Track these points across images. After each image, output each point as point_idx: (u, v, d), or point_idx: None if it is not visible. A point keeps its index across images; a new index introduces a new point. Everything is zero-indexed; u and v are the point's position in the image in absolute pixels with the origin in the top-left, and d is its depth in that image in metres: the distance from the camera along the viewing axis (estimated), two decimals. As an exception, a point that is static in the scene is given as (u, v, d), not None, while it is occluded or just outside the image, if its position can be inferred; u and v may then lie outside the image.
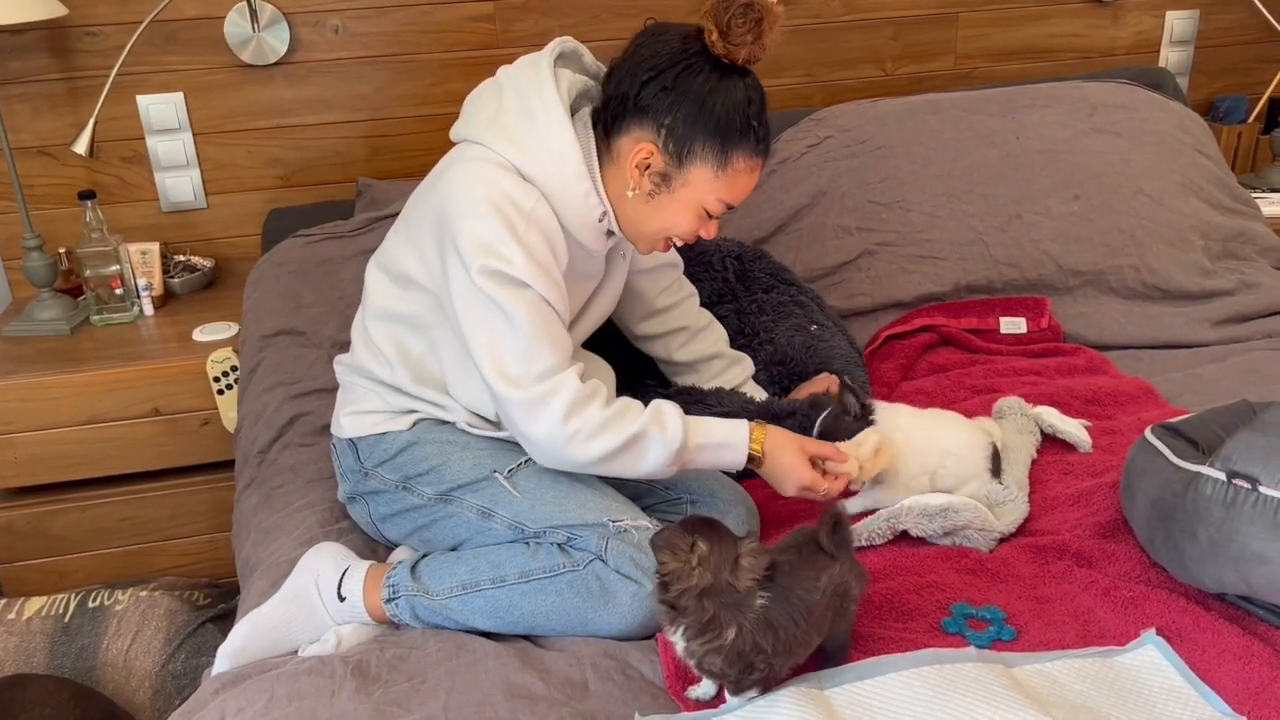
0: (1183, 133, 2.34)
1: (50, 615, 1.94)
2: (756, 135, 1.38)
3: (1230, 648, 1.21)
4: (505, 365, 1.35)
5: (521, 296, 1.35)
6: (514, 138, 1.39)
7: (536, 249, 1.36)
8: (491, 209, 1.35)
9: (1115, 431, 1.72)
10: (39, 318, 2.20)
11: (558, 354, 1.37)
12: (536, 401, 1.34)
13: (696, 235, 1.46)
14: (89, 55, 2.24)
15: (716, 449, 1.42)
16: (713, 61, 1.35)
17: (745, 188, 1.42)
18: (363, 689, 1.26)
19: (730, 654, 1.12)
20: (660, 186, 1.40)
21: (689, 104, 1.35)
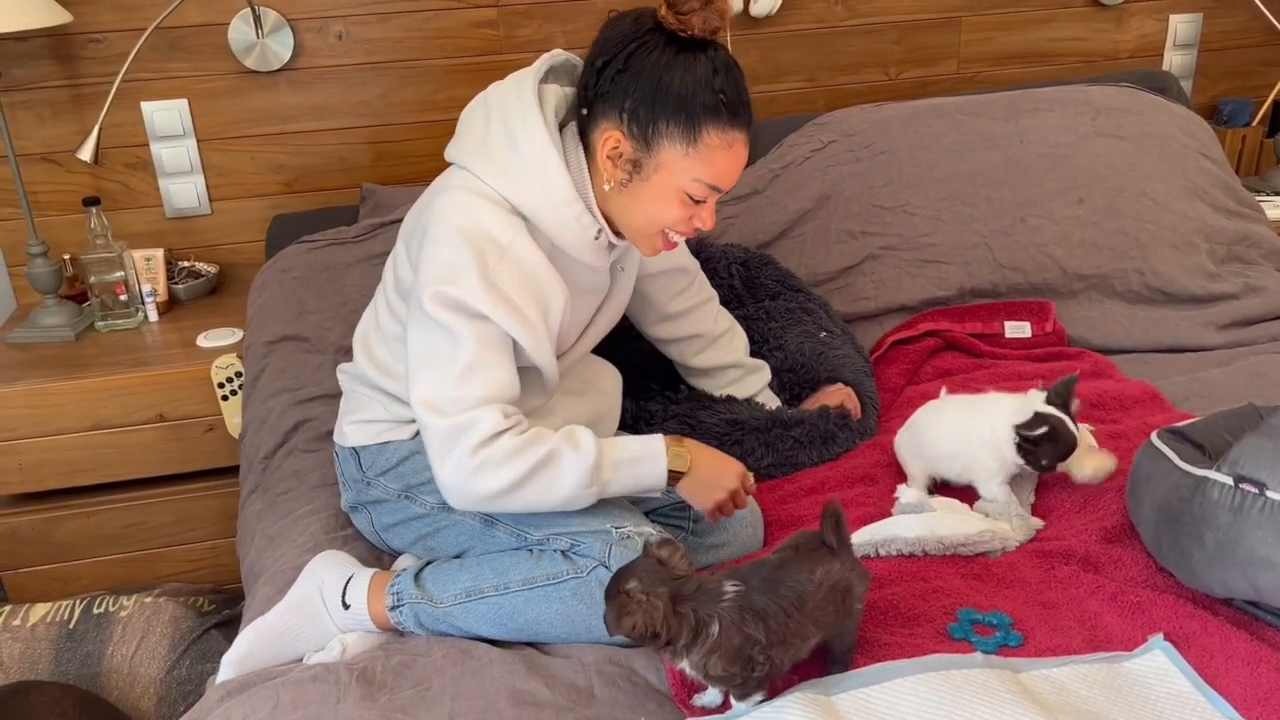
0: (1187, 136, 2.34)
1: (55, 621, 1.94)
2: (727, 107, 1.31)
3: (1238, 653, 1.21)
4: (437, 394, 1.33)
5: (472, 327, 1.33)
6: (500, 167, 1.37)
7: (505, 283, 1.34)
8: (462, 238, 1.34)
9: (1120, 436, 1.71)
10: (44, 324, 2.20)
11: (492, 388, 1.33)
12: (455, 431, 1.31)
13: (694, 228, 1.41)
14: (93, 62, 2.24)
15: (633, 464, 1.36)
16: (668, 37, 1.31)
17: (725, 164, 1.35)
18: (368, 696, 1.25)
19: (727, 650, 1.13)
20: (634, 174, 1.36)
21: (645, 83, 1.31)
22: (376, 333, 1.54)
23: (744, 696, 1.17)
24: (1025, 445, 1.47)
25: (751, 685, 1.16)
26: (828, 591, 1.17)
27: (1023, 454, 1.48)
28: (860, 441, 1.76)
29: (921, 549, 1.44)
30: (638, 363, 1.85)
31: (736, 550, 1.50)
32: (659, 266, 1.69)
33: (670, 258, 1.69)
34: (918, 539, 1.43)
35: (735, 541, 1.50)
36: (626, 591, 1.13)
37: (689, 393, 1.82)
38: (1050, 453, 1.47)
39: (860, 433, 1.77)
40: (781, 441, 1.71)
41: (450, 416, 1.32)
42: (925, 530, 1.44)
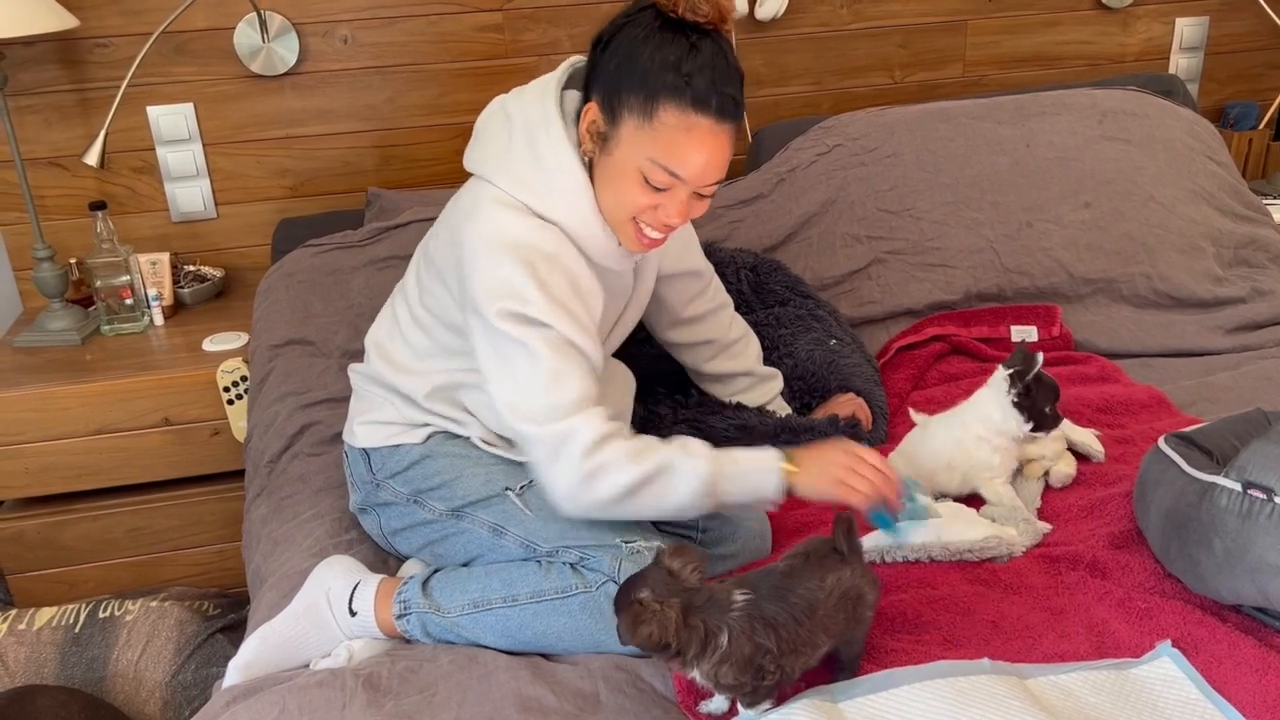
0: (1193, 139, 2.33)
1: (61, 626, 1.94)
2: (693, 89, 1.27)
3: (1247, 660, 1.20)
4: (528, 404, 1.33)
5: (543, 336, 1.33)
6: (526, 182, 1.37)
7: (559, 290, 1.34)
8: (511, 253, 1.34)
9: (1128, 441, 1.71)
10: (50, 328, 2.20)
11: (580, 392, 1.33)
12: (558, 439, 1.31)
13: (662, 222, 1.36)
14: (100, 66, 2.25)
15: (747, 476, 1.34)
16: (657, 15, 1.29)
17: (683, 148, 1.29)
18: (374, 702, 1.25)
19: (737, 659, 1.12)
20: (601, 149, 1.34)
21: (620, 55, 1.30)
22: (396, 330, 1.53)
23: (752, 704, 1.16)
24: (1024, 396, 1.50)
25: (761, 694, 1.15)
26: (839, 599, 1.17)
27: (1025, 409, 1.50)
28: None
29: (928, 555, 1.43)
30: (647, 366, 1.85)
31: (746, 559, 1.49)
32: (673, 268, 1.67)
33: (684, 260, 1.67)
34: (923, 545, 1.43)
35: (745, 551, 1.49)
36: (640, 601, 1.12)
37: (699, 397, 1.81)
38: (1045, 396, 1.50)
39: (870, 441, 1.76)
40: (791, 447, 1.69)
41: (548, 425, 1.31)
42: (931, 537, 1.44)
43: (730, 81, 1.30)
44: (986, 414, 1.53)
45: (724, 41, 1.31)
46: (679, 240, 1.65)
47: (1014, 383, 1.51)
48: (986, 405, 1.54)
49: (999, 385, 1.53)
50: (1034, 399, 1.51)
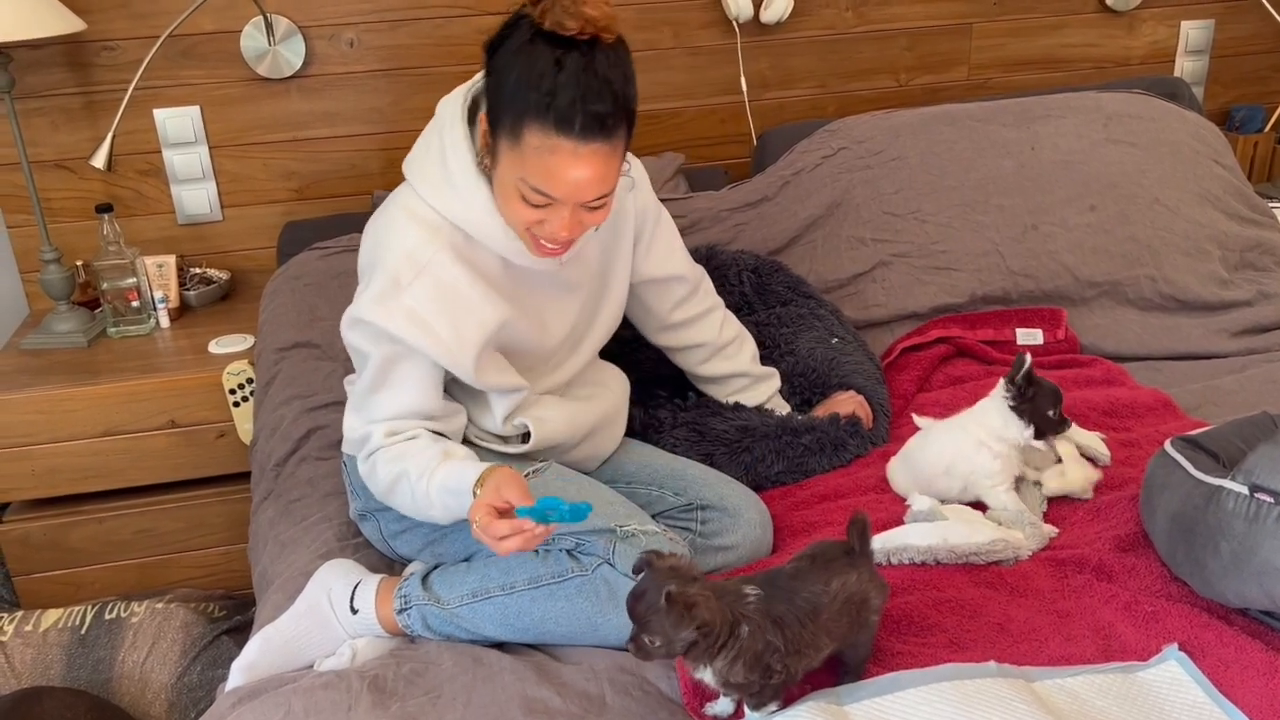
0: (1199, 142, 2.33)
1: (67, 627, 1.95)
2: (555, 109, 1.23)
3: (1254, 664, 1.20)
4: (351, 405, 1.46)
5: (379, 348, 1.38)
6: (433, 182, 1.40)
7: (419, 301, 1.36)
8: (377, 258, 1.39)
9: (1133, 444, 1.71)
10: (56, 330, 2.21)
11: (398, 408, 1.40)
12: (357, 442, 1.44)
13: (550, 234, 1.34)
14: (107, 70, 2.25)
15: (454, 494, 1.33)
16: (534, 31, 1.25)
17: (550, 170, 1.27)
18: (379, 703, 1.25)
19: (749, 656, 1.12)
20: (492, 161, 1.34)
21: (497, 70, 1.29)
22: None
23: (759, 706, 1.16)
24: (1021, 400, 1.49)
25: (767, 694, 1.15)
26: (843, 603, 1.17)
27: (1026, 414, 1.50)
28: (872, 449, 1.76)
29: (934, 558, 1.43)
30: (647, 370, 1.85)
31: (746, 552, 1.49)
32: (653, 273, 1.65)
33: (665, 265, 1.65)
34: (929, 548, 1.43)
35: (745, 543, 1.49)
36: (679, 592, 1.09)
37: (698, 400, 1.81)
38: (1046, 400, 1.49)
39: (872, 440, 1.76)
40: (792, 448, 1.70)
41: (356, 429, 1.44)
42: (937, 539, 1.43)
43: (598, 98, 1.24)
44: (987, 420, 1.53)
45: (600, 53, 1.25)
46: (659, 246, 1.64)
47: (1008, 387, 1.51)
48: (988, 411, 1.54)
49: (998, 394, 1.54)
50: (1033, 403, 1.50)
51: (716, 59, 2.53)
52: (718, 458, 1.69)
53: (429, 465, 1.36)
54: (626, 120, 1.30)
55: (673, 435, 1.74)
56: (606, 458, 1.64)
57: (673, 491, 1.56)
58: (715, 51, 2.53)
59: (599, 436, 1.61)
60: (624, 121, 1.29)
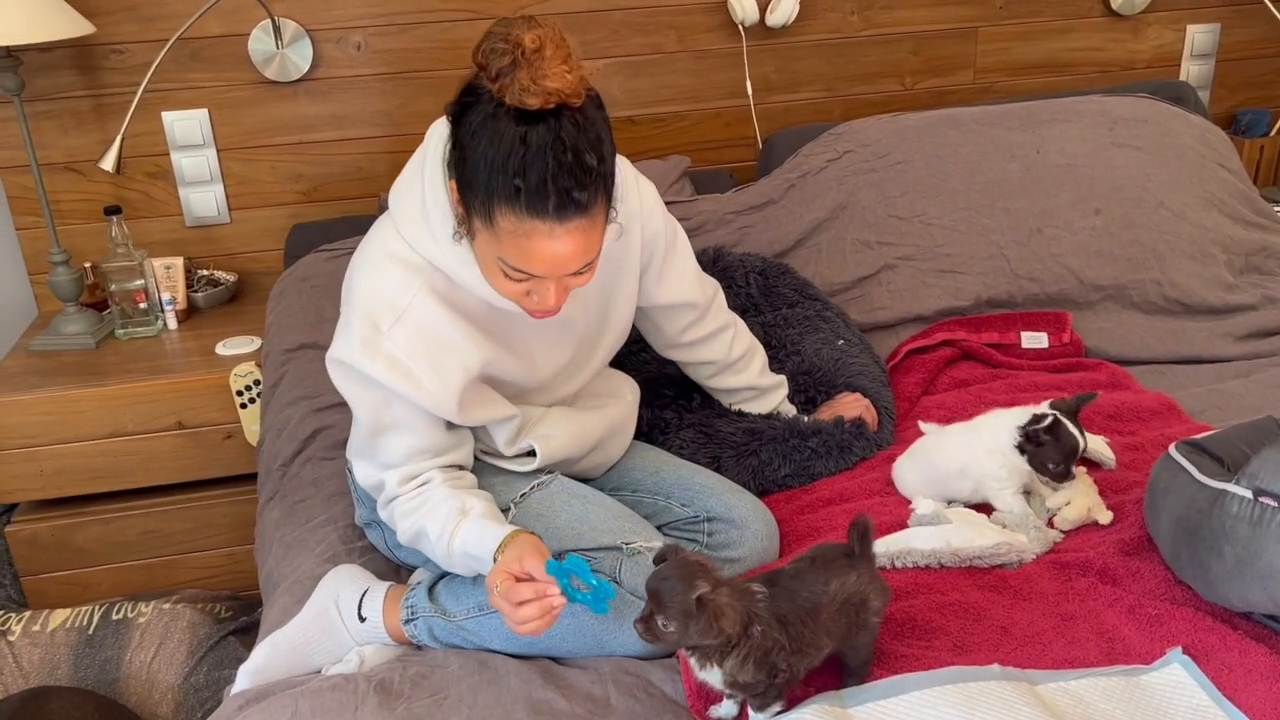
0: (1204, 146, 2.33)
1: (74, 627, 1.96)
2: (525, 192, 1.17)
3: (1258, 667, 1.20)
4: (357, 452, 1.45)
5: (368, 393, 1.35)
6: (411, 219, 1.34)
7: (399, 346, 1.32)
8: (358, 302, 1.34)
9: (1138, 448, 1.71)
10: (64, 331, 2.22)
11: (401, 450, 1.38)
12: (374, 489, 1.43)
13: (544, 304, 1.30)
14: (115, 73, 2.27)
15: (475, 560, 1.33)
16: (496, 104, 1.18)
17: (528, 253, 1.21)
18: (385, 705, 1.26)
19: (758, 655, 1.13)
20: (466, 230, 1.28)
21: (461, 146, 1.22)
22: None
23: (763, 707, 1.17)
24: (1028, 444, 1.48)
25: (771, 695, 1.16)
26: (842, 604, 1.17)
27: (1027, 456, 1.49)
28: (877, 451, 1.76)
29: (937, 561, 1.43)
30: (652, 370, 1.86)
31: (753, 563, 1.49)
32: (664, 300, 1.61)
33: (675, 293, 1.61)
34: (933, 551, 1.43)
35: (752, 555, 1.49)
36: (709, 598, 1.10)
37: (704, 401, 1.82)
38: (1054, 453, 1.47)
39: (877, 443, 1.77)
40: (799, 452, 1.71)
41: (370, 476, 1.43)
42: (940, 542, 1.44)
43: (569, 175, 1.17)
44: (999, 438, 1.52)
45: (568, 122, 1.18)
46: (671, 274, 1.59)
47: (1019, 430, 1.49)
48: (1000, 430, 1.52)
49: (1020, 417, 1.51)
50: (1038, 449, 1.48)
51: (722, 62, 2.54)
52: (725, 461, 1.69)
53: (447, 525, 1.34)
54: (604, 187, 1.23)
55: (679, 437, 1.74)
56: (614, 464, 1.64)
57: (680, 502, 1.55)
58: (721, 55, 2.53)
59: (607, 445, 1.60)
60: (600, 190, 1.23)
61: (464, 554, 1.33)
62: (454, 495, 1.37)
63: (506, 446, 1.49)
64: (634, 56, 2.47)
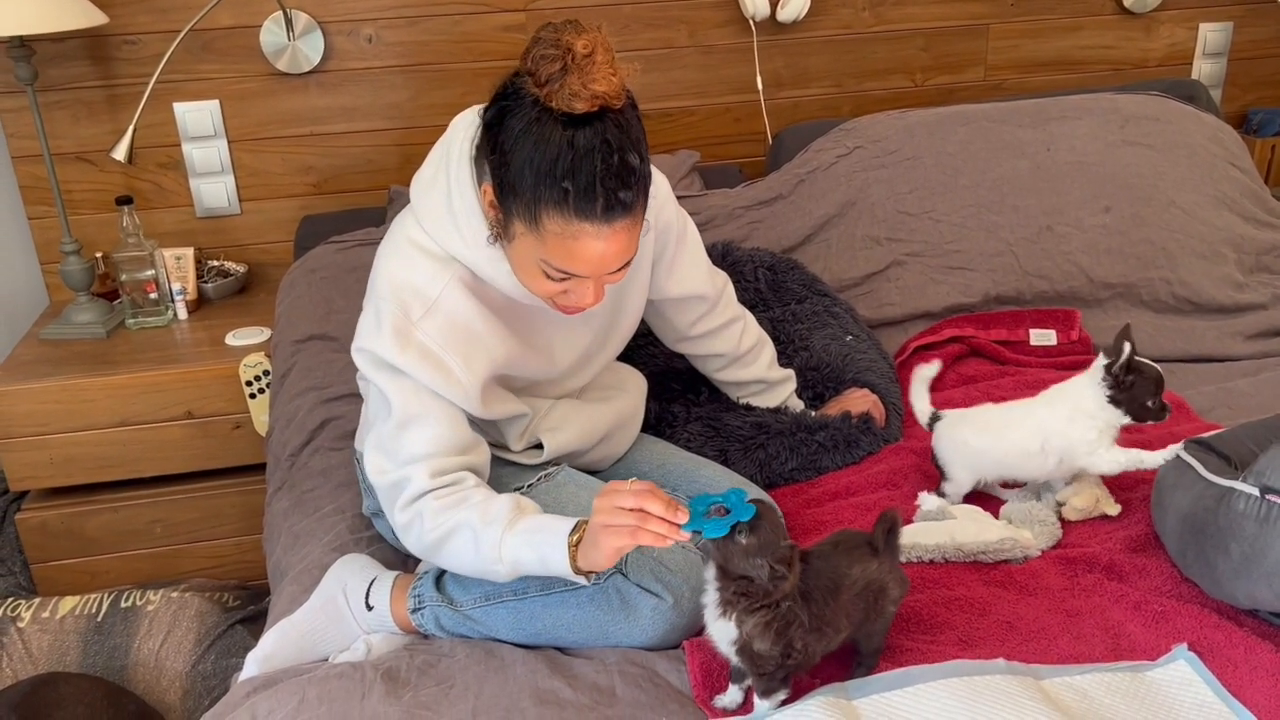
0: (1215, 145, 2.33)
1: (83, 615, 1.97)
2: (574, 196, 1.18)
3: (1263, 664, 1.20)
4: (377, 446, 1.36)
5: (396, 383, 1.32)
6: (436, 215, 1.34)
7: (430, 337, 1.32)
8: (388, 293, 1.33)
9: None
10: (75, 321, 2.23)
11: (427, 445, 1.32)
12: (391, 488, 1.35)
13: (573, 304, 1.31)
14: (128, 63, 2.27)
15: (537, 549, 1.25)
16: (540, 108, 1.18)
17: (575, 254, 1.22)
18: (392, 692, 1.27)
19: (780, 625, 1.14)
20: (503, 233, 1.28)
21: (502, 149, 1.21)
22: None
23: (768, 692, 1.18)
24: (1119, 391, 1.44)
25: (778, 678, 1.17)
26: (862, 589, 1.19)
27: (1123, 404, 1.45)
28: (884, 447, 1.76)
29: (942, 556, 1.44)
30: (660, 363, 1.86)
31: None
32: (674, 293, 1.60)
33: (685, 286, 1.62)
34: (938, 546, 1.44)
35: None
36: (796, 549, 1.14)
37: (712, 395, 1.82)
38: (1145, 388, 1.44)
39: (884, 439, 1.77)
40: (806, 446, 1.71)
41: (388, 474, 1.34)
42: (945, 538, 1.44)
43: (617, 178, 1.19)
44: (1082, 402, 1.47)
45: (612, 124, 1.19)
46: (681, 266, 1.59)
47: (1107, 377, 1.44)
48: (1081, 394, 1.48)
49: (1095, 375, 1.47)
50: (1130, 391, 1.45)
51: (732, 57, 2.54)
52: (732, 454, 1.70)
53: (501, 515, 1.28)
54: (644, 187, 1.25)
55: (687, 430, 1.74)
56: (621, 456, 1.65)
57: (686, 494, 1.55)
58: (731, 50, 2.53)
59: (615, 438, 1.60)
60: (642, 190, 1.25)
61: (525, 542, 1.25)
62: (502, 494, 1.33)
63: (516, 442, 1.49)
64: (644, 51, 2.47)
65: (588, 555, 1.22)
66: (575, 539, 1.24)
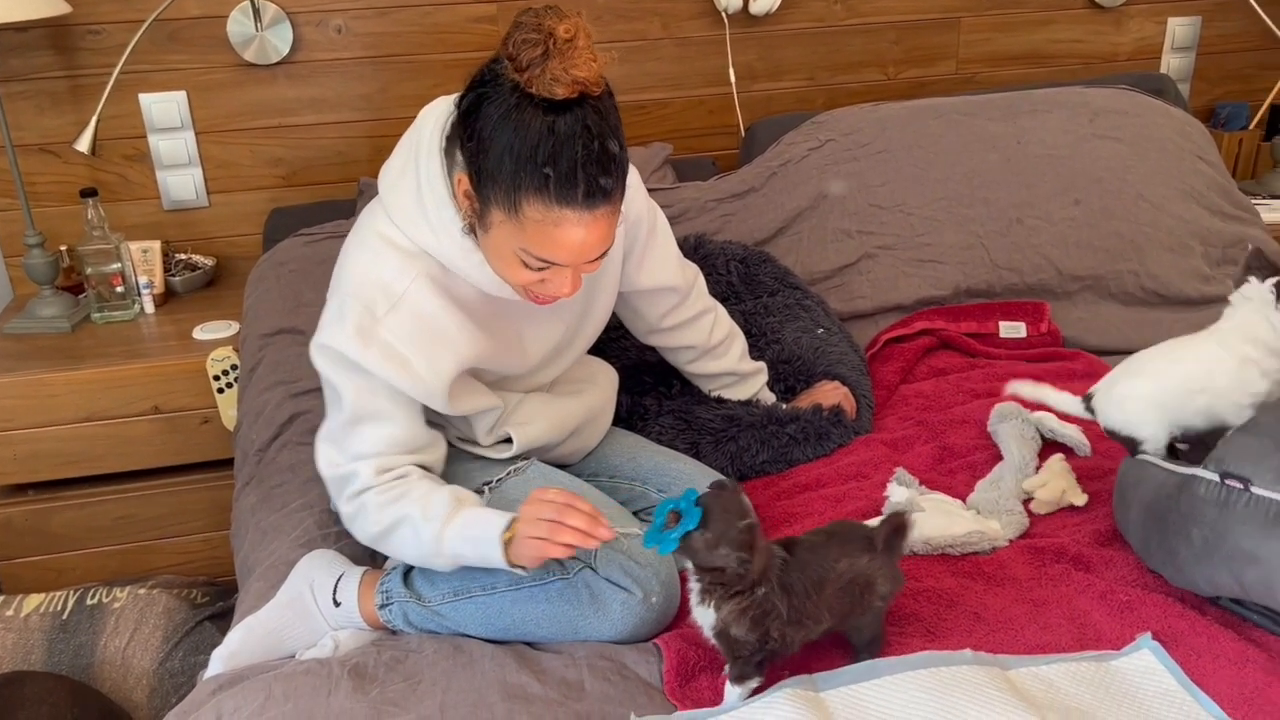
0: (1183, 139, 2.34)
1: (48, 612, 1.95)
2: (555, 182, 1.18)
3: (1225, 652, 1.21)
4: (327, 438, 1.39)
5: (352, 380, 1.32)
6: (405, 207, 1.32)
7: (393, 334, 1.31)
8: (353, 288, 1.32)
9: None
10: (40, 315, 2.20)
11: (377, 442, 1.34)
12: (338, 481, 1.38)
13: (558, 293, 1.30)
14: (92, 53, 2.24)
15: (475, 543, 1.30)
16: (519, 94, 1.18)
17: (553, 240, 1.22)
18: (359, 689, 1.26)
19: (756, 613, 1.15)
20: (479, 223, 1.27)
21: (480, 136, 1.21)
22: None
23: (741, 679, 1.18)
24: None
25: (752, 665, 1.18)
26: (848, 583, 1.20)
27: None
28: (854, 439, 1.77)
29: (909, 550, 1.44)
30: (632, 357, 1.86)
31: None
32: (645, 285, 1.60)
33: (656, 278, 1.61)
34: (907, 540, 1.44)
35: None
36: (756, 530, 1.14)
37: (683, 388, 1.82)
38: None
39: (855, 430, 1.77)
40: (777, 438, 1.71)
41: (338, 467, 1.37)
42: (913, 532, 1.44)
43: (598, 164, 1.19)
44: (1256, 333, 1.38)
45: (591, 111, 1.19)
46: (652, 258, 1.59)
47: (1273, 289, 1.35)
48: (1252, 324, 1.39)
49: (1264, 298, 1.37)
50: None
51: (705, 50, 2.54)
52: (703, 447, 1.69)
53: (440, 510, 1.31)
54: (623, 174, 1.25)
55: (658, 423, 1.74)
56: (591, 450, 1.64)
57: (656, 488, 1.55)
58: (704, 42, 2.53)
59: (585, 432, 1.60)
60: (621, 177, 1.24)
61: (460, 537, 1.30)
62: (444, 486, 1.36)
63: (485, 436, 1.49)
64: (617, 43, 2.46)
65: (519, 554, 1.27)
66: (508, 537, 1.28)
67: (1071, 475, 1.57)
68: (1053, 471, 1.55)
